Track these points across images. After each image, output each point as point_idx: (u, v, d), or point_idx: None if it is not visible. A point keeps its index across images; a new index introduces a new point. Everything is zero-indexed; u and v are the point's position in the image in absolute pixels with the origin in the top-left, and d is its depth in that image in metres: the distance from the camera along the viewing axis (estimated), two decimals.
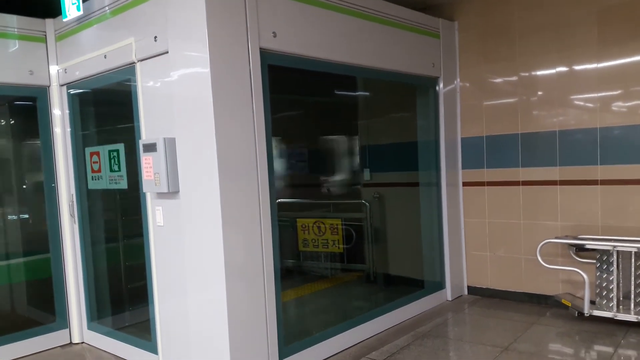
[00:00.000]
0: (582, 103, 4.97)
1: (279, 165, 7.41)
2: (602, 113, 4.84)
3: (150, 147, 3.77)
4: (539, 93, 5.21)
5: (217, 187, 3.42)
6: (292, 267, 7.00)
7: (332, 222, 6.43)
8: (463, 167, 5.77)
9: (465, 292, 5.84)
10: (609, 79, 4.79)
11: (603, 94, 4.83)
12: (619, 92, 4.75)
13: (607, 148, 4.83)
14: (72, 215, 4.92)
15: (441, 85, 5.56)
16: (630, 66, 4.69)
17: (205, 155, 3.48)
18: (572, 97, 5.01)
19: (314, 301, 6.02)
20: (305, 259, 6.80)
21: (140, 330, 4.53)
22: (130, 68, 4.11)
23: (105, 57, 4.30)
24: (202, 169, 3.54)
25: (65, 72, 4.76)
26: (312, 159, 7.42)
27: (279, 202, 6.88)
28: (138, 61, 4.02)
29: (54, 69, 4.83)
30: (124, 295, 5.16)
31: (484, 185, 5.63)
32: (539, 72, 5.20)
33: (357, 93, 6.64)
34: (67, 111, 4.86)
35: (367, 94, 6.63)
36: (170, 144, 3.72)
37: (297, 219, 6.64)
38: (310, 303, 5.96)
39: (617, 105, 4.77)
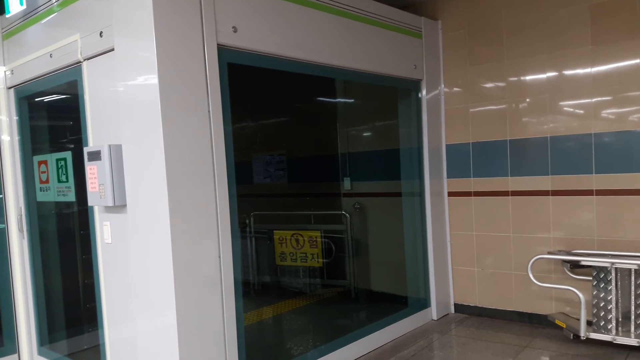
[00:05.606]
0: (575, 107, 4.60)
1: (254, 174, 7.01)
2: (597, 118, 4.48)
3: (95, 155, 3.35)
4: (529, 96, 4.84)
5: (165, 199, 3.01)
6: (269, 283, 6.60)
7: (311, 234, 6.04)
8: (448, 176, 5.38)
9: (452, 310, 5.43)
10: (604, 81, 4.43)
11: (598, 97, 4.46)
12: (615, 95, 4.38)
13: (602, 156, 4.46)
14: (20, 230, 4.49)
15: (424, 88, 5.18)
16: (627, 68, 4.33)
17: (153, 165, 3.07)
18: (565, 100, 4.64)
19: (290, 321, 5.59)
20: (282, 273, 6.40)
21: (97, 354, 4.09)
22: (76, 68, 3.70)
23: (51, 57, 3.88)
24: (150, 180, 3.12)
25: (12, 74, 4.35)
26: (289, 167, 7.02)
27: (255, 214, 6.56)
28: (84, 60, 3.61)
29: (0, 71, 4.41)
30: (79, 317, 4.71)
31: (470, 195, 5.24)
32: (529, 74, 4.83)
33: (336, 97, 6.26)
34: (15, 117, 4.44)
35: (347, 98, 6.26)
36: (117, 151, 3.30)
37: (275, 231, 6.25)
38: (285, 323, 5.54)
39: (614, 110, 4.41)
